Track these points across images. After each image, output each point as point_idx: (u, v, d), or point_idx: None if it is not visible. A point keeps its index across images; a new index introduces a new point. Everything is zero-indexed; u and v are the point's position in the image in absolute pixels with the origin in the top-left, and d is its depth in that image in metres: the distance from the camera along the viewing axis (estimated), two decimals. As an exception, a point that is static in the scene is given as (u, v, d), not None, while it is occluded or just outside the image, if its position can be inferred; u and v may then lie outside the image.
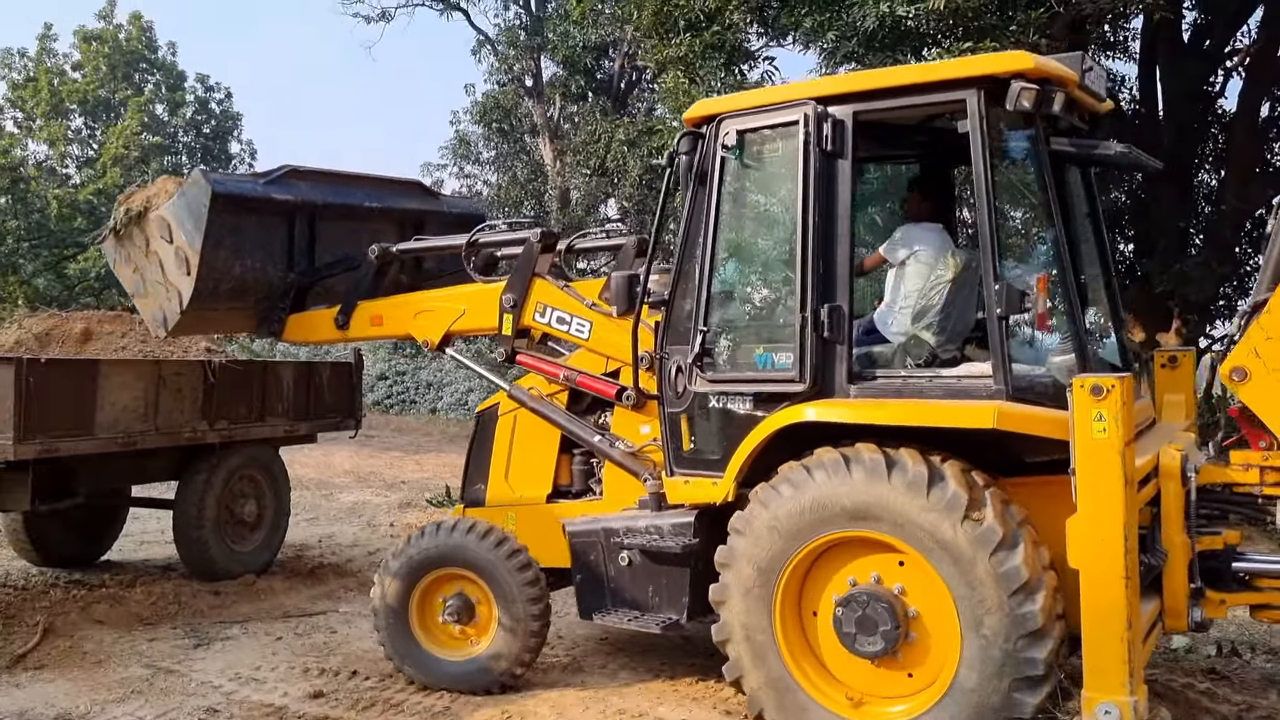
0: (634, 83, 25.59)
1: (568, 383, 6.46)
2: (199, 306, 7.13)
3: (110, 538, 9.70)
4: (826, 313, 5.02)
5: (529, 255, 6.66)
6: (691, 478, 5.53)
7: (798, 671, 5.01)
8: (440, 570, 6.13)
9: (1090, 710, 4.19)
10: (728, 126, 5.39)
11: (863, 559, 4.95)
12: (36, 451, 6.88)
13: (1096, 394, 4.16)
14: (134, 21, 30.80)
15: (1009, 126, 4.99)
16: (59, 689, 6.10)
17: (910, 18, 10.58)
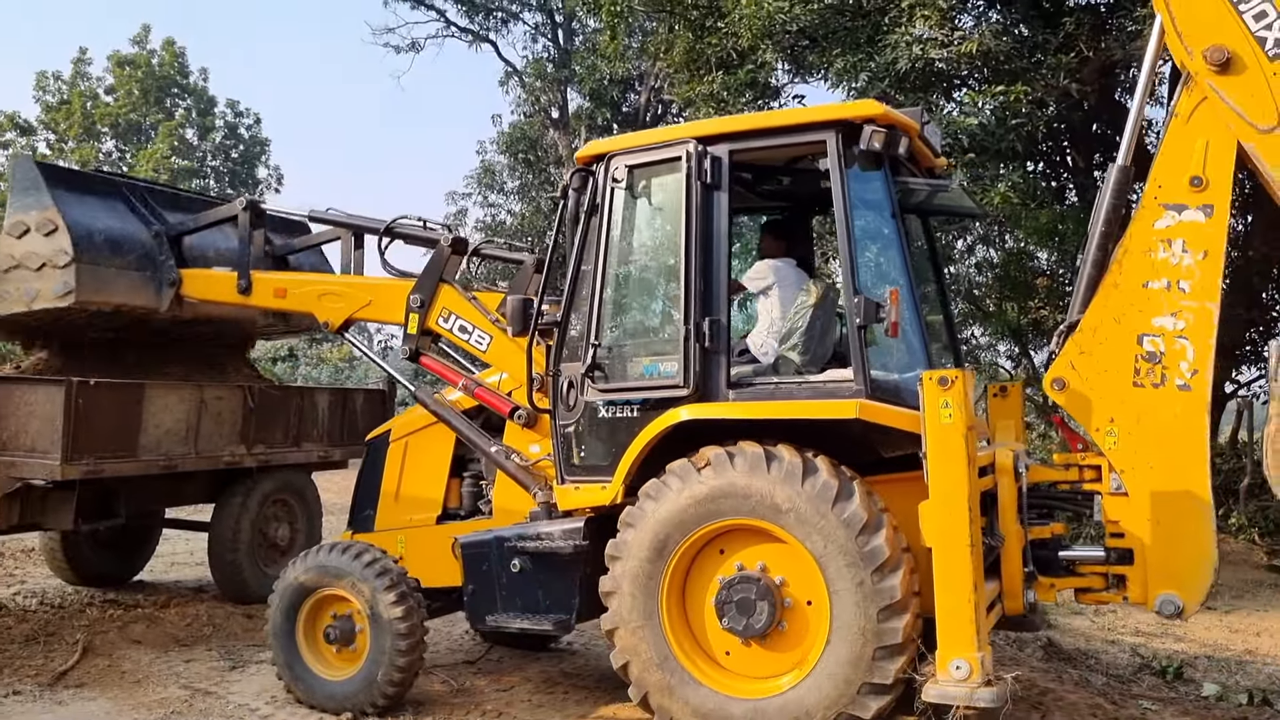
0: (660, 116, 25.73)
1: (466, 391, 6.68)
2: (87, 260, 7.34)
3: (143, 558, 9.73)
4: (708, 325, 5.44)
5: (439, 258, 6.93)
6: (582, 484, 5.82)
7: (680, 653, 5.33)
8: (321, 591, 6.22)
9: (944, 666, 4.61)
10: (618, 163, 5.82)
11: (746, 548, 5.33)
12: (82, 472, 6.87)
13: (943, 384, 4.68)
14: (167, 47, 31.27)
15: (862, 166, 5.51)
16: (100, 707, 6.06)
17: (942, 60, 10.73)
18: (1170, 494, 5.08)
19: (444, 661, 7.27)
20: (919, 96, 11.04)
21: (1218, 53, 4.96)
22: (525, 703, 6.13)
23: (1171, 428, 5.09)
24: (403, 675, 6.01)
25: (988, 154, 10.79)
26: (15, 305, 7.53)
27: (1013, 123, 10.54)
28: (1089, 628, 9.14)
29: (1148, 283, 5.13)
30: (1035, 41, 10.99)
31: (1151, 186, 5.17)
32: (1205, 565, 5.04)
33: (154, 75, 30.57)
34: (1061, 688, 6.85)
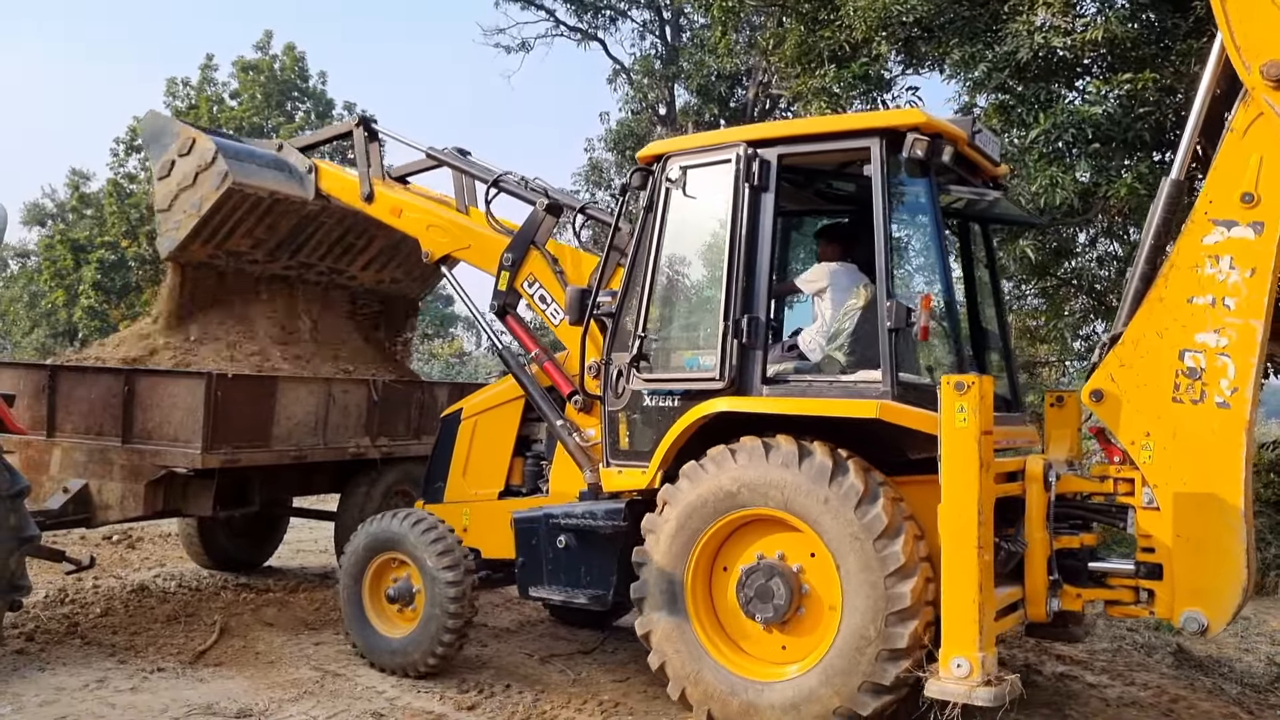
0: (768, 111, 25.67)
1: (537, 361, 7.08)
2: (229, 154, 8.22)
3: (273, 545, 10.27)
4: (746, 322, 5.74)
5: (533, 221, 7.27)
6: (625, 468, 6.19)
7: (700, 630, 5.68)
8: (385, 554, 6.86)
9: (945, 664, 4.80)
10: (673, 163, 6.16)
11: (771, 536, 5.62)
12: (221, 461, 7.36)
13: (959, 389, 4.85)
14: (288, 52, 32.39)
15: (908, 173, 5.72)
16: (238, 686, 6.47)
17: (1065, 48, 10.46)
18: (1202, 511, 5.11)
19: (561, 651, 7.45)
20: (1040, 86, 10.86)
21: (1276, 68, 4.98)
22: (641, 694, 6.28)
23: (1208, 445, 5.12)
24: (452, 636, 6.60)
25: (1113, 144, 10.43)
26: (189, 222, 8.34)
27: (1140, 111, 10.24)
28: (1221, 635, 8.81)
29: (1193, 298, 5.18)
30: (1164, 27, 10.69)
31: (1202, 201, 5.22)
32: (1234, 584, 5.06)
33: (275, 79, 31.75)
34: (1194, 695, 6.73)
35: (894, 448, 5.60)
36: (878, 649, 5.09)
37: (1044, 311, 15.16)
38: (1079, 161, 10.35)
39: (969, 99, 12.54)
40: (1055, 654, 7.57)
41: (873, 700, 5.12)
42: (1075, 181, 10.28)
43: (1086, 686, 6.91)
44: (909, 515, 5.31)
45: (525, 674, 6.90)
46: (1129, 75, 10.28)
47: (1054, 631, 6.17)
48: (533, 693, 6.48)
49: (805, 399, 5.61)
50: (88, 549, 10.09)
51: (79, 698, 6.10)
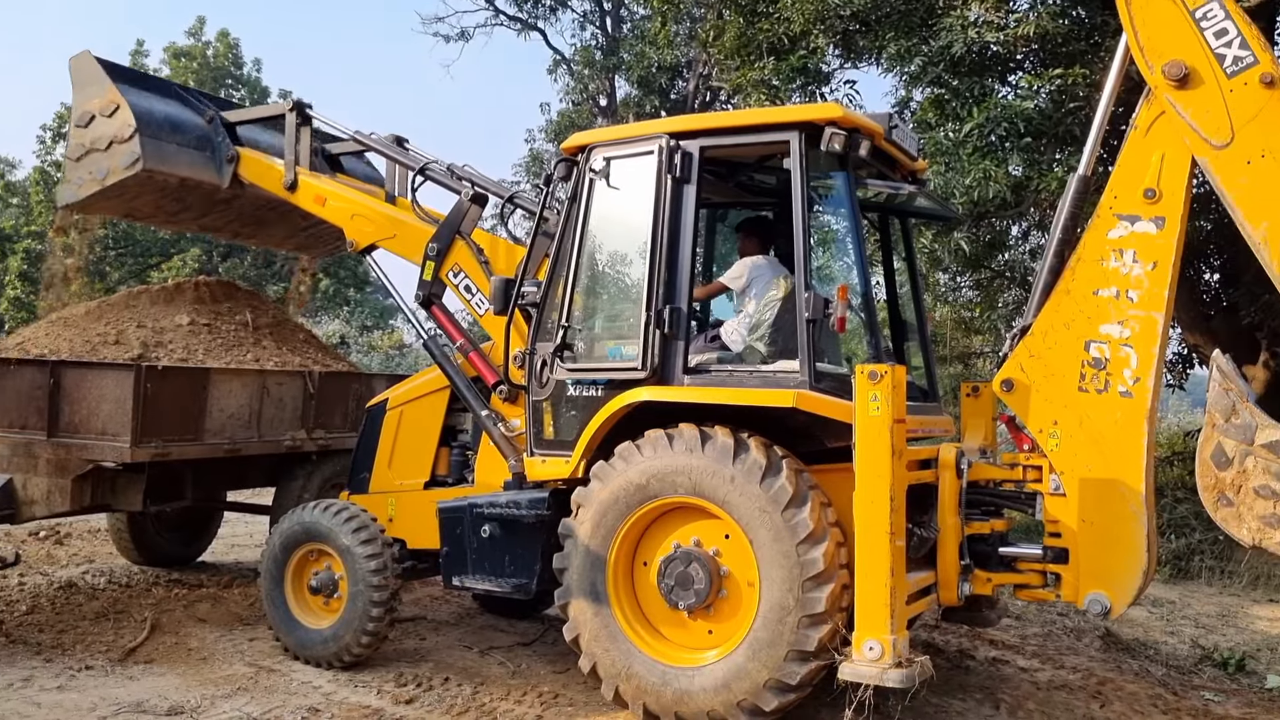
0: (708, 103, 25.77)
1: (462, 352, 7.14)
2: (149, 133, 8.00)
3: (206, 540, 10.13)
4: (668, 312, 5.82)
5: (458, 211, 7.35)
6: (549, 457, 6.26)
7: (627, 627, 5.74)
8: (302, 548, 6.92)
9: (859, 646, 4.93)
10: (597, 154, 6.22)
11: (685, 526, 5.73)
12: (151, 454, 7.22)
13: (873, 378, 4.97)
14: (221, 39, 31.74)
15: (826, 167, 5.89)
16: (169, 683, 6.39)
17: (998, 44, 10.61)
18: (1105, 497, 5.31)
19: (501, 643, 7.43)
20: (974, 80, 11.02)
21: (1176, 68, 5.18)
22: (580, 685, 6.28)
23: (1111, 433, 5.32)
24: (380, 610, 6.64)
25: (1045, 139, 10.62)
26: (91, 186, 8.26)
27: (1070, 106, 10.44)
28: (1147, 619, 9.11)
29: (1098, 290, 5.36)
30: (1093, 23, 10.95)
31: (1107, 196, 5.41)
32: (1135, 567, 5.25)
33: (209, 66, 31.07)
34: (1121, 677, 6.90)
35: (813, 437, 5.72)
36: (798, 616, 5.21)
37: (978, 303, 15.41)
38: (1011, 155, 10.52)
39: (905, 93, 12.70)
40: (988, 639, 7.74)
41: (800, 668, 5.24)
42: (1008, 175, 10.48)
43: (1018, 670, 7.08)
44: (813, 485, 5.45)
45: (464, 666, 6.89)
46: (1060, 71, 10.50)
47: (967, 615, 6.35)
48: (471, 685, 6.47)
49: (725, 389, 5.71)
50: (13, 546, 9.84)
51: (3, 697, 6.00)
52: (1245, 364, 13.12)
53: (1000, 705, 6.25)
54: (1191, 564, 11.42)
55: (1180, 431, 17.20)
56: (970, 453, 5.91)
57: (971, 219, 11.73)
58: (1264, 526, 4.84)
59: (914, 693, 5.02)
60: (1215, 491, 4.97)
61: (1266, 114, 4.94)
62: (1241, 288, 12.86)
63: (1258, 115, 4.95)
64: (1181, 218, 5.18)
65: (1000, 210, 11.56)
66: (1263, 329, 12.69)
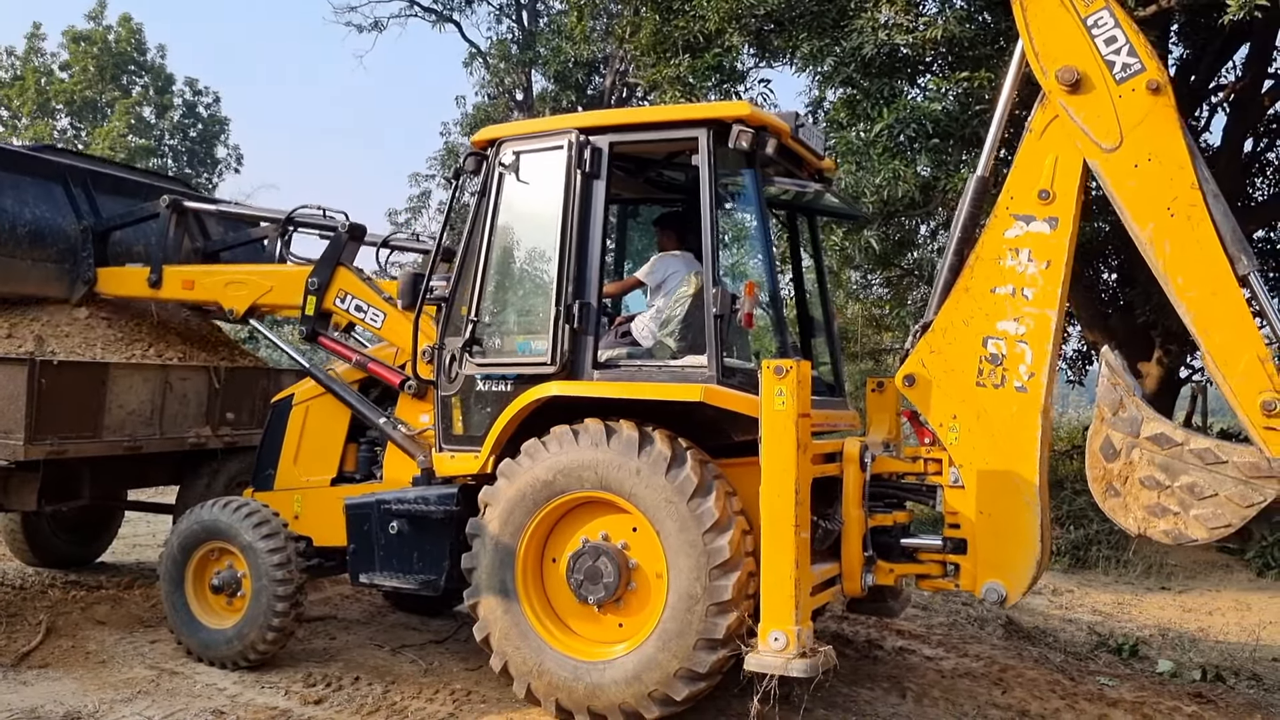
0: (625, 99, 25.81)
1: (359, 367, 7.15)
2: (3, 252, 7.61)
3: (105, 540, 9.84)
4: (578, 307, 5.84)
5: (337, 243, 7.42)
6: (457, 453, 6.25)
7: (538, 624, 5.77)
8: (202, 548, 6.84)
9: (764, 637, 5.00)
10: (506, 148, 6.20)
11: (593, 521, 5.75)
12: (45, 452, 6.95)
13: (779, 373, 5.04)
14: (124, 23, 30.81)
15: (734, 164, 5.91)
16: (66, 687, 6.21)
17: (907, 46, 10.83)
18: (1000, 489, 5.47)
19: (413, 641, 7.36)
20: (884, 82, 11.23)
21: (1069, 73, 5.37)
22: (493, 682, 6.27)
23: (1006, 426, 5.48)
24: (280, 623, 6.59)
25: (952, 140, 10.88)
26: None
27: (976, 109, 10.68)
28: (1046, 607, 9.40)
29: (995, 288, 5.52)
30: (999, 28, 11.18)
31: (1004, 197, 5.58)
32: (1029, 557, 5.42)
33: (110, 52, 30.21)
34: (1021, 664, 7.09)
35: (721, 432, 5.79)
36: (705, 605, 5.27)
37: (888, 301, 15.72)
38: (920, 156, 10.76)
39: (819, 93, 12.90)
40: (895, 629, 7.92)
41: (709, 656, 5.30)
42: (916, 175, 10.71)
43: (924, 659, 7.25)
44: (718, 474, 5.52)
45: (375, 665, 6.82)
46: (966, 74, 10.76)
47: (872, 606, 6.52)
48: (383, 684, 6.41)
49: (634, 384, 5.76)
50: (-102, 549, 9.42)
51: (-114, 705, 5.70)
52: (1140, 361, 13.63)
53: (906, 694, 6.41)
54: (1089, 554, 11.84)
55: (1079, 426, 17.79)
56: (874, 446, 6.05)
57: (881, 218, 11.97)
58: (1148, 516, 5.05)
59: (820, 682, 5.16)
60: (1104, 482, 5.18)
61: (1152, 119, 5.14)
62: (1137, 287, 13.36)
63: (1144, 120, 5.15)
64: (1074, 218, 5.37)
65: (909, 209, 11.81)
66: (1157, 327, 13.19)
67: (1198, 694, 6.75)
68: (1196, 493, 4.93)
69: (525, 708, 5.88)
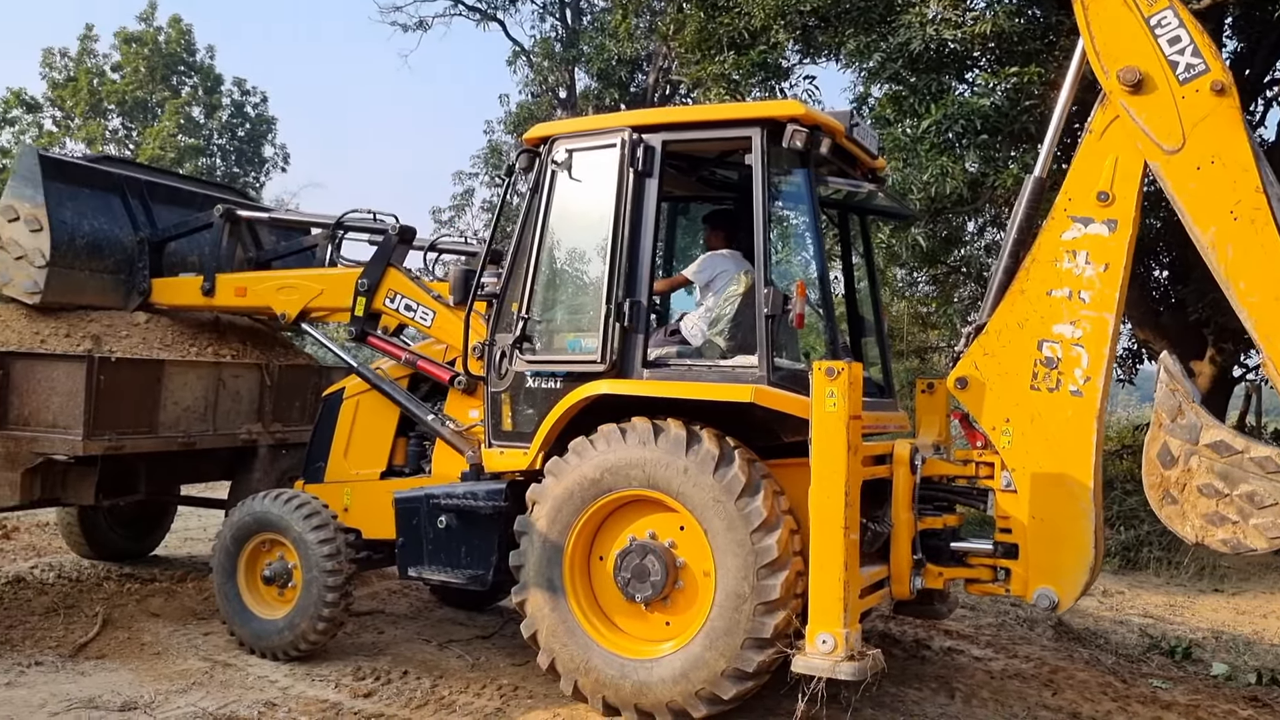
0: (668, 96, 25.80)
1: (408, 364, 7.18)
2: (62, 263, 7.81)
3: (159, 534, 10.00)
4: (628, 306, 5.84)
5: (387, 245, 7.49)
6: (507, 449, 6.27)
7: (585, 621, 5.77)
8: (253, 539, 6.93)
9: (812, 640, 4.98)
10: (559, 146, 6.22)
11: (640, 520, 5.75)
12: (103, 448, 7.09)
13: (830, 375, 5.02)
14: (174, 24, 31.27)
15: (787, 164, 5.91)
16: (122, 678, 6.32)
17: (955, 41, 10.74)
18: (1054, 494, 5.40)
19: (460, 636, 7.44)
20: (931, 77, 11.12)
21: (1131, 73, 5.28)
22: (540, 678, 6.25)
23: (1061, 431, 5.41)
24: (330, 613, 6.66)
25: (1001, 136, 10.77)
26: None
27: (1026, 104, 10.58)
28: (1097, 609, 9.28)
29: (1051, 291, 5.45)
30: (1049, 23, 11.10)
31: (1062, 198, 5.50)
32: (1082, 563, 5.36)
33: (160, 53, 30.70)
34: (1072, 666, 7.02)
35: (770, 432, 5.77)
36: (753, 604, 5.26)
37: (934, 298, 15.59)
38: (968, 152, 10.66)
39: (864, 89, 12.82)
40: (943, 629, 7.86)
41: (756, 655, 5.28)
42: (964, 171, 10.61)
43: (972, 660, 7.19)
44: (766, 474, 5.50)
45: (423, 659, 6.89)
46: (1015, 69, 10.65)
47: (919, 608, 6.47)
48: (430, 678, 6.46)
49: (684, 383, 5.74)
50: (-41, 541, 9.66)
51: (-50, 693, 5.84)
52: (1192, 360, 13.40)
53: (955, 694, 6.36)
54: (1140, 555, 11.67)
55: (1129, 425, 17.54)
56: (924, 449, 5.99)
57: (928, 215, 11.87)
58: (1207, 524, 4.98)
59: (868, 684, 5.10)
60: (1160, 490, 5.10)
61: (1216, 120, 5.05)
62: (1190, 285, 13.13)
63: (1207, 121, 5.07)
64: (1134, 220, 5.29)
65: (957, 206, 11.71)
66: (1210, 325, 12.96)
67: (1253, 698, 6.65)
68: (1256, 501, 4.85)
69: (572, 704, 5.90)
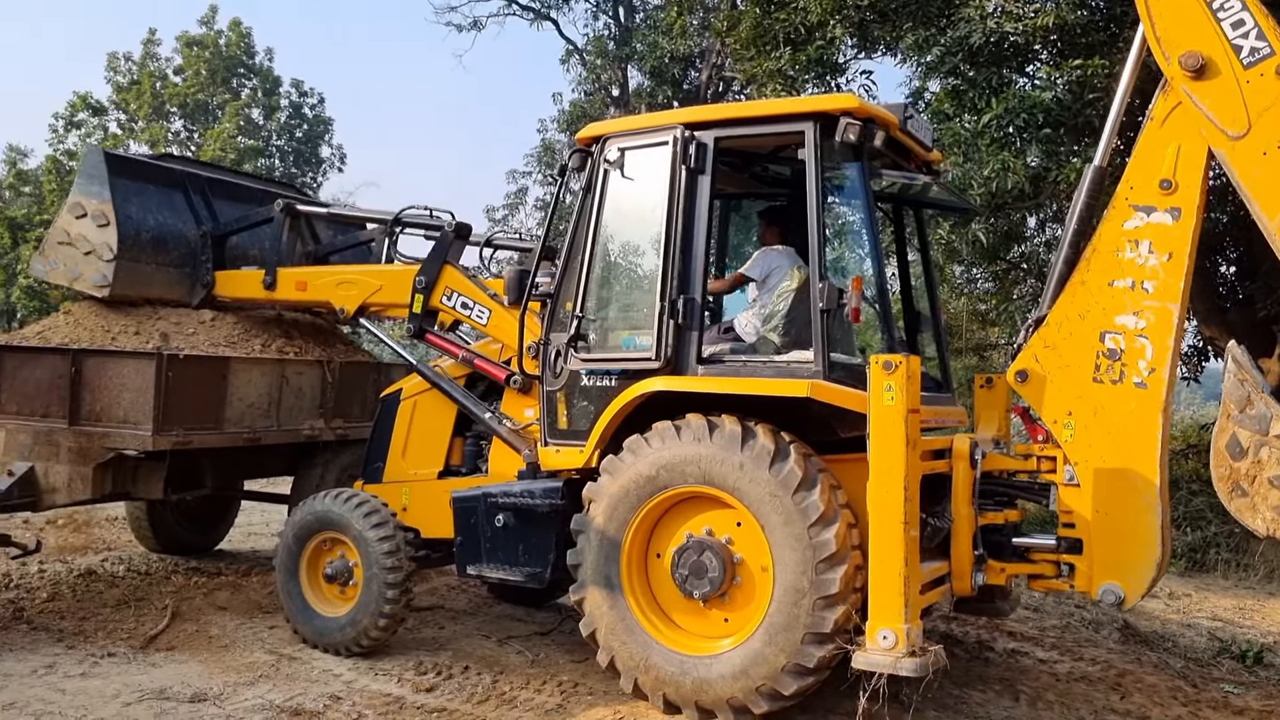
0: (721, 93, 25.70)
1: (465, 362, 7.25)
2: (129, 257, 8.04)
3: (223, 528, 10.23)
4: (682, 302, 5.84)
5: (443, 243, 7.57)
6: (563, 447, 6.30)
7: (644, 619, 5.79)
8: (316, 538, 7.05)
9: (872, 636, 4.96)
10: (611, 145, 6.24)
11: (697, 516, 5.75)
12: (172, 443, 7.29)
13: (888, 368, 4.98)
14: (234, 28, 31.82)
15: (841, 157, 5.84)
16: (192, 670, 6.49)
17: (1016, 34, 10.57)
18: (1119, 488, 5.32)
19: (519, 633, 7.49)
20: (992, 71, 10.92)
21: (1193, 58, 5.18)
22: (599, 675, 6.29)
23: (1126, 424, 5.34)
24: (391, 610, 6.77)
25: (1063, 130, 10.58)
26: (60, 279, 8.40)
27: (1089, 97, 10.37)
28: (1163, 611, 9.10)
29: (1113, 281, 5.37)
30: (1112, 14, 10.88)
31: (1123, 187, 5.40)
32: (1149, 558, 5.27)
33: (221, 55, 31.18)
34: (1140, 669, 6.92)
35: (826, 427, 5.76)
36: (813, 599, 5.24)
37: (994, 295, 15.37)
38: (1030, 146, 10.49)
39: (920, 83, 12.67)
40: (1006, 630, 7.77)
41: (817, 650, 5.27)
42: (1026, 166, 10.44)
43: (1037, 662, 7.10)
44: (822, 468, 5.47)
45: (483, 655, 6.96)
46: (1079, 61, 10.44)
47: (980, 605, 6.41)
48: (491, 674, 6.53)
49: (739, 378, 5.75)
50: (31, 533, 9.88)
51: (28, 684, 6.05)
52: (1261, 357, 13.07)
53: (1020, 697, 6.29)
54: (1207, 557, 11.43)
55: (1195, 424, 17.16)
56: (984, 443, 5.94)
57: (989, 210, 11.70)
58: (1279, 516, 4.86)
59: (930, 682, 5.06)
60: (1230, 482, 5.00)
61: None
62: (1258, 280, 12.80)
63: (1274, 106, 4.97)
64: (1198, 209, 5.20)
65: (1018, 202, 11.52)
66: (1279, 322, 12.63)
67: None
68: None
69: (633, 701, 5.93)
